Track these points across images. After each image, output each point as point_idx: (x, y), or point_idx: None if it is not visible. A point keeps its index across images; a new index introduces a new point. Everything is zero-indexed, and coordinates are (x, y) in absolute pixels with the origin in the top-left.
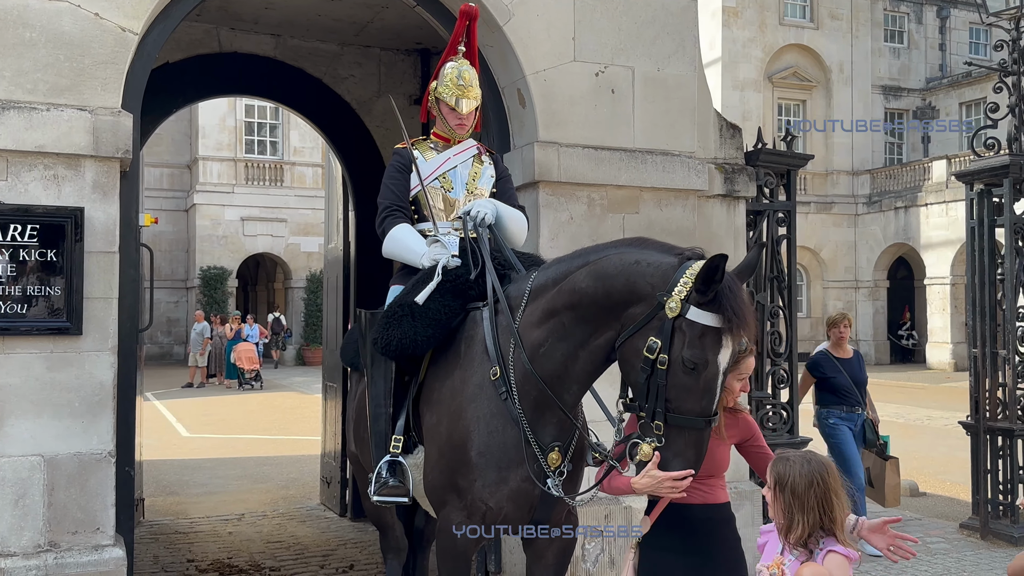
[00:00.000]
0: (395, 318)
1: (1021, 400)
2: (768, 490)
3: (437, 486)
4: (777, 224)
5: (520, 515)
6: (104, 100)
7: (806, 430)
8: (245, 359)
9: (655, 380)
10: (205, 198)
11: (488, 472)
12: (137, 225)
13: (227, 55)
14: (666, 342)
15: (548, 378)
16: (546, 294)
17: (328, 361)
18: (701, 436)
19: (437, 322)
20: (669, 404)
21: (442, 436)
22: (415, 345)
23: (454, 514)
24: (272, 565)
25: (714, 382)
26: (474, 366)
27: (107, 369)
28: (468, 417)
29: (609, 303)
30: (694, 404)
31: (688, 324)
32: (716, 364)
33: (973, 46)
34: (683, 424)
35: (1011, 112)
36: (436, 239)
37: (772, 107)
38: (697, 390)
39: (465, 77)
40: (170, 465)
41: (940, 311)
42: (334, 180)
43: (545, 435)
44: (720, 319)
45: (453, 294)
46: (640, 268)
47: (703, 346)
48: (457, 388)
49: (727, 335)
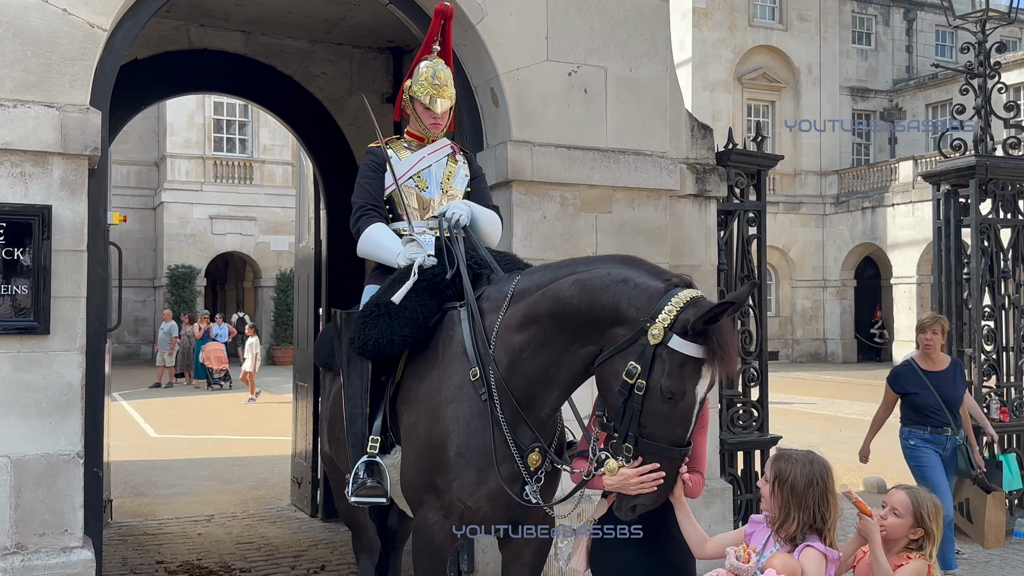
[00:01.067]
0: (372, 318)
1: (987, 398)
2: (766, 484)
3: (415, 485)
4: (748, 224)
5: (498, 515)
6: (72, 97)
7: (775, 427)
8: (214, 359)
9: (631, 404)
10: (173, 196)
11: (467, 472)
12: (105, 223)
13: (197, 52)
14: (646, 368)
15: (529, 383)
16: (528, 298)
17: (299, 360)
18: (672, 464)
19: (414, 322)
20: (643, 430)
21: (420, 436)
22: (392, 345)
23: (431, 513)
24: (242, 566)
25: (690, 412)
26: (453, 366)
27: (75, 369)
28: (447, 417)
29: (592, 318)
30: (668, 432)
31: (669, 353)
32: (693, 395)
33: (940, 48)
34: (655, 451)
35: (977, 114)
36: (412, 238)
37: (742, 108)
38: (672, 419)
39: (440, 76)
40: (138, 466)
41: (906, 310)
42: (305, 179)
43: (525, 436)
44: (703, 350)
45: (430, 293)
46: (627, 289)
47: (682, 376)
48: (435, 388)
49: (708, 367)
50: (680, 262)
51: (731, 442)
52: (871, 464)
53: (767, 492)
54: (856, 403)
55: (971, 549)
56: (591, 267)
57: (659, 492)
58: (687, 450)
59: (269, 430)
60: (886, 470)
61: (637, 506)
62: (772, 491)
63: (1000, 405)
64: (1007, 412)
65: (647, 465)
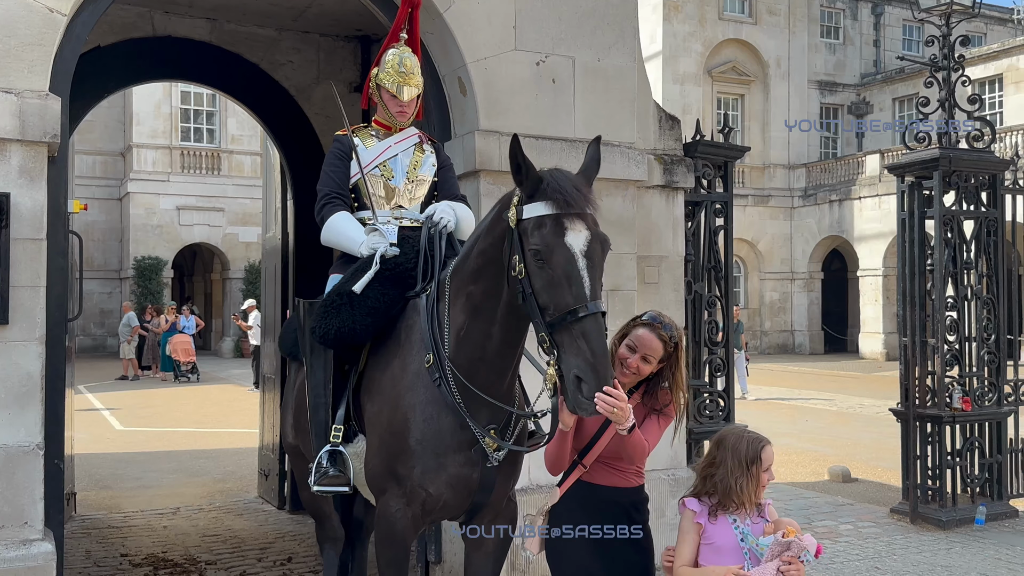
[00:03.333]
0: (333, 307)
1: (949, 388)
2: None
3: (377, 474)
4: (715, 215)
5: (459, 501)
6: (31, 83)
7: (742, 417)
8: (181, 351)
9: (526, 295)
10: (140, 186)
11: (426, 459)
12: (66, 212)
13: (161, 39)
14: (519, 251)
15: (470, 360)
16: (459, 273)
17: (266, 351)
18: (585, 326)
19: (376, 311)
20: (546, 312)
21: (382, 424)
22: (354, 334)
23: (393, 501)
24: (208, 559)
25: (571, 266)
26: (413, 354)
27: (34, 359)
28: (405, 405)
29: (492, 255)
30: (563, 296)
31: (528, 224)
32: (565, 246)
33: (906, 42)
34: (564, 323)
35: (941, 106)
36: (374, 227)
37: (711, 101)
38: (558, 281)
39: (407, 64)
40: (103, 459)
41: (872, 302)
42: (272, 168)
43: (480, 418)
44: (550, 204)
45: (392, 283)
46: (499, 211)
47: (543, 234)
48: (397, 377)
49: (568, 218)
50: (648, 252)
51: (697, 431)
52: (836, 453)
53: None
54: (823, 393)
55: (932, 537)
56: (484, 217)
57: (590, 359)
58: (595, 305)
59: (236, 422)
60: (850, 459)
61: (580, 380)
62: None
63: (962, 395)
64: (969, 402)
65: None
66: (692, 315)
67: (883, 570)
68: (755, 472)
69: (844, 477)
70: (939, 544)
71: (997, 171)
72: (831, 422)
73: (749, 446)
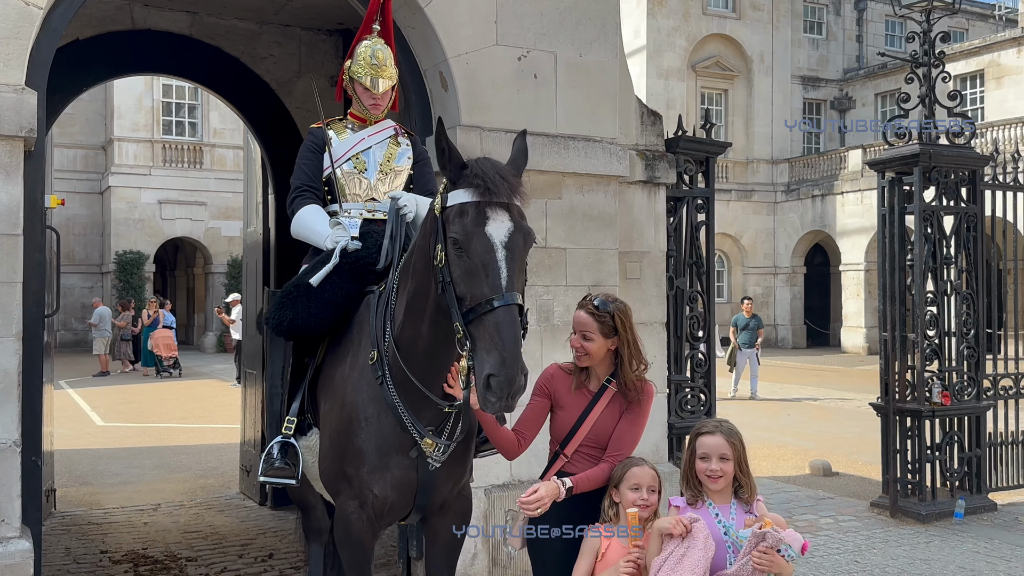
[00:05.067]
0: (290, 298)
1: (929, 382)
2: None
3: (330, 474)
4: (696, 210)
5: (404, 502)
6: (6, 77)
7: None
8: (163, 346)
9: (445, 285)
10: (121, 180)
11: (370, 459)
12: (43, 207)
13: (141, 32)
14: (442, 239)
15: (408, 357)
16: (403, 270)
17: (248, 347)
18: (498, 319)
19: (332, 304)
20: (463, 303)
21: (332, 424)
22: (308, 327)
23: (346, 503)
24: (189, 555)
25: (489, 256)
26: (361, 351)
27: (11, 356)
28: (350, 404)
29: (427, 249)
30: (479, 287)
31: (451, 212)
32: (485, 235)
33: (889, 38)
34: (478, 314)
35: (922, 102)
36: (338, 221)
37: (695, 96)
38: (475, 270)
39: (379, 56)
40: (83, 455)
41: (854, 296)
42: (253, 162)
43: (421, 418)
44: (473, 192)
45: (351, 277)
46: (432, 201)
47: (463, 223)
48: (347, 375)
49: (490, 208)
50: (630, 248)
51: (679, 427)
52: (817, 447)
53: (730, 470)
54: (805, 387)
55: (912, 530)
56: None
57: (503, 355)
58: (511, 297)
59: (219, 418)
60: (831, 453)
61: (490, 379)
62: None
63: (942, 389)
64: (948, 396)
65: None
66: (674, 310)
67: (863, 563)
68: (689, 458)
69: (825, 471)
70: (919, 537)
71: (977, 167)
72: (813, 416)
73: (693, 430)
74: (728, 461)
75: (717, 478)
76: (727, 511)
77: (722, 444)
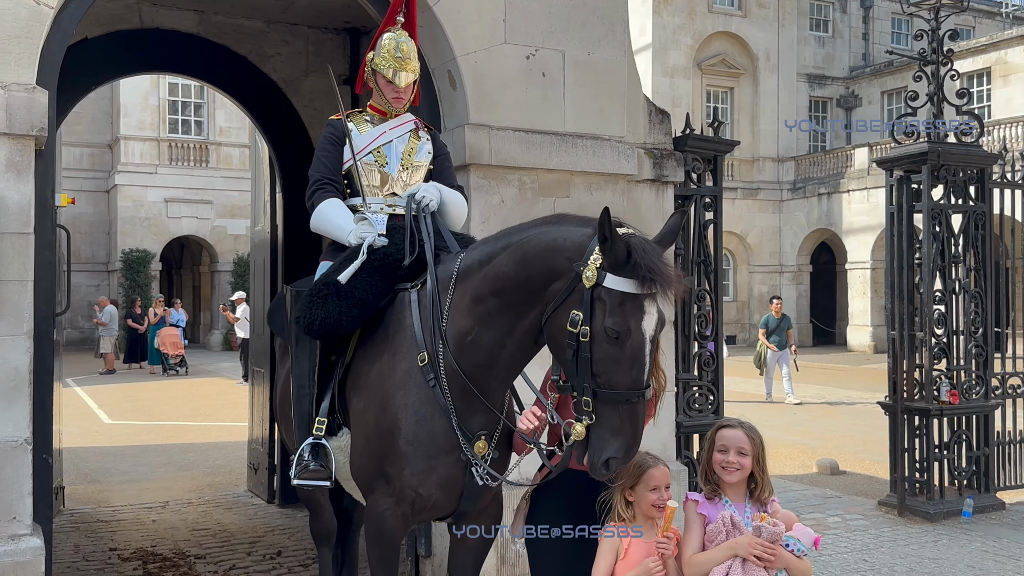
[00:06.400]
0: (320, 297)
1: (937, 381)
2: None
3: (365, 472)
4: (704, 209)
5: (449, 502)
6: (18, 76)
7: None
8: (169, 344)
9: (581, 355)
10: (127, 179)
11: (417, 460)
12: (53, 206)
13: (148, 31)
14: (587, 313)
15: (476, 367)
16: (472, 278)
17: (256, 345)
18: (635, 410)
19: (363, 302)
20: (598, 379)
21: (370, 423)
22: (340, 325)
23: (382, 500)
24: (197, 553)
25: (641, 351)
26: (403, 351)
27: (22, 354)
28: (396, 404)
29: (531, 286)
30: (623, 376)
31: (607, 292)
32: (641, 331)
33: (895, 36)
34: (614, 399)
35: (930, 100)
36: (364, 216)
37: (701, 94)
38: (624, 361)
39: (403, 49)
40: (91, 452)
41: (861, 295)
42: (260, 161)
43: (474, 423)
44: (638, 284)
45: (381, 274)
46: (558, 244)
47: (623, 314)
48: (385, 373)
49: (649, 300)
50: None
51: (687, 425)
52: (824, 445)
53: (747, 465)
54: (812, 386)
55: (920, 529)
56: (523, 234)
57: (629, 442)
58: (647, 392)
59: (225, 416)
60: (838, 451)
61: (610, 460)
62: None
63: (950, 388)
64: (957, 395)
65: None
66: (682, 308)
67: (871, 562)
68: (708, 451)
69: (832, 470)
70: (927, 536)
71: (985, 165)
72: (819, 415)
73: (714, 426)
74: (746, 456)
75: (733, 470)
76: (742, 509)
77: (741, 438)
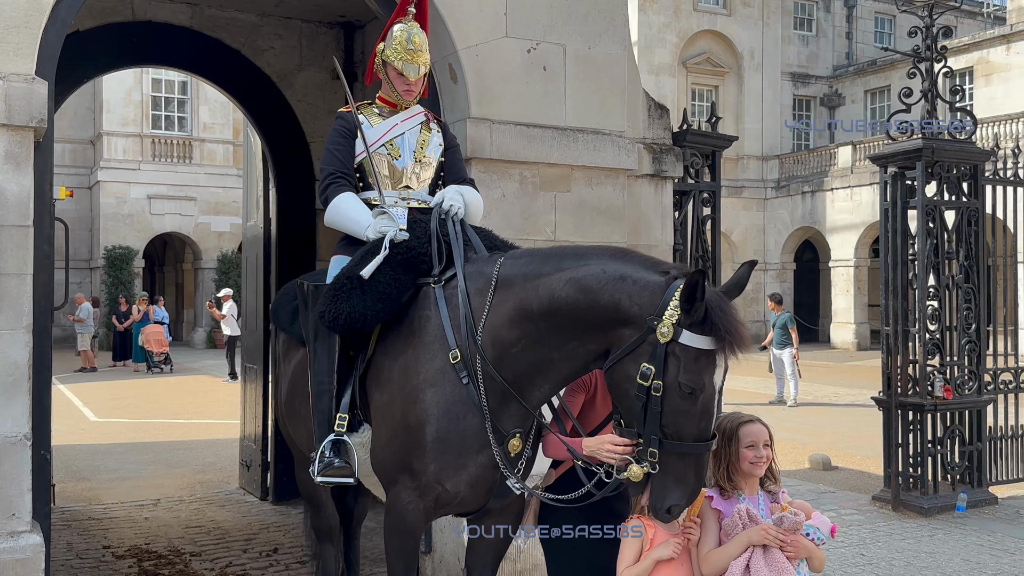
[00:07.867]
0: (343, 291)
1: (931, 376)
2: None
3: (388, 466)
4: (702, 204)
5: (477, 499)
6: (17, 66)
7: None
8: (154, 342)
9: (651, 407)
10: (109, 175)
11: (446, 457)
12: (51, 198)
13: (141, 24)
14: (660, 368)
15: (519, 376)
16: (515, 289)
17: (248, 342)
18: (700, 460)
19: (387, 296)
20: (666, 430)
21: (395, 416)
22: (364, 319)
23: (405, 493)
24: (192, 550)
25: (711, 404)
26: (433, 348)
27: (22, 348)
28: (427, 400)
29: (592, 319)
30: (692, 428)
31: (682, 349)
32: (712, 385)
33: (879, 35)
34: (683, 451)
35: (924, 97)
36: (383, 211)
37: (686, 92)
38: (694, 414)
39: (415, 41)
40: (79, 450)
41: (844, 292)
42: (253, 156)
43: (508, 423)
44: (714, 341)
45: (403, 268)
46: (626, 286)
47: (699, 369)
48: (412, 368)
49: (721, 355)
50: (637, 242)
51: None
52: (815, 441)
53: (770, 456)
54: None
55: (915, 524)
56: (583, 263)
57: (693, 489)
58: (713, 443)
59: (213, 413)
60: (829, 447)
61: (672, 508)
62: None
63: (944, 383)
64: (950, 390)
65: (624, 440)
66: None
67: (869, 556)
68: (735, 449)
69: (825, 465)
70: (922, 531)
71: (979, 162)
72: (807, 411)
73: (728, 423)
74: (768, 447)
75: (762, 464)
76: (755, 502)
77: (764, 431)
